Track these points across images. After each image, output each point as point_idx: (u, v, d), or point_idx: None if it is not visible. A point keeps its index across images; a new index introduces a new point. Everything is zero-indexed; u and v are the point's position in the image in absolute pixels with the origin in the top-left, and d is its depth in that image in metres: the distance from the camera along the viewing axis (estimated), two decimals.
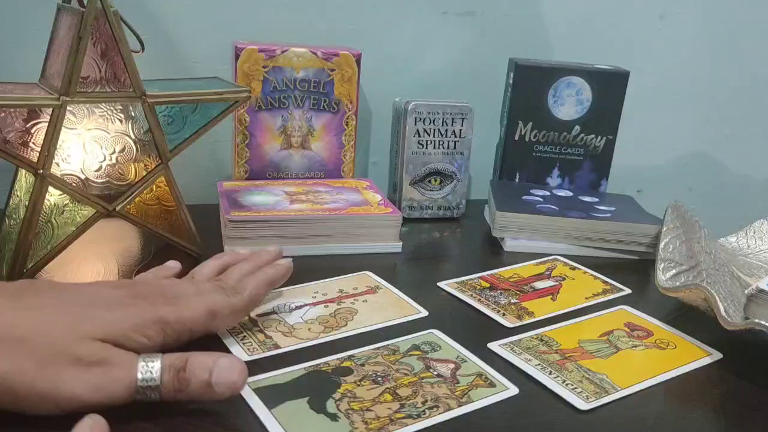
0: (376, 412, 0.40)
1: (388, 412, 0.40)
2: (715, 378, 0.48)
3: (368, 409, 0.40)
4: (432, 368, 0.45)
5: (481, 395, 0.43)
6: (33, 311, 0.38)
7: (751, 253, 0.69)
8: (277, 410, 0.40)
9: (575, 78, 0.79)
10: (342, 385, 0.43)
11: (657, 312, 0.57)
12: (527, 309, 0.56)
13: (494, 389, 0.44)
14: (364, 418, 0.39)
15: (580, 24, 0.90)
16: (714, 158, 1.02)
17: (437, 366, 0.46)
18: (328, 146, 0.77)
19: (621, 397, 0.45)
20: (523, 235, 0.70)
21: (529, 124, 0.81)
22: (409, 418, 0.40)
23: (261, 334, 0.49)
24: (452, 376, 0.45)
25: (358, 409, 0.40)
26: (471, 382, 0.44)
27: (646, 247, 0.69)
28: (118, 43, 0.54)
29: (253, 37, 0.75)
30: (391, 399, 0.42)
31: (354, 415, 0.40)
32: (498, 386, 0.44)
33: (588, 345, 0.51)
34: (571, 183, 0.83)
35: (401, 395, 0.42)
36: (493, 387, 0.44)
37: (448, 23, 0.86)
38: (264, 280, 0.50)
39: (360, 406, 0.41)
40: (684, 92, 0.98)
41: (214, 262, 0.52)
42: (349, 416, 0.40)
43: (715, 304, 0.50)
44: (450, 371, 0.45)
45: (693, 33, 0.94)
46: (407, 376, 0.44)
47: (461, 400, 0.42)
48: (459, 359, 0.47)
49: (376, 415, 0.40)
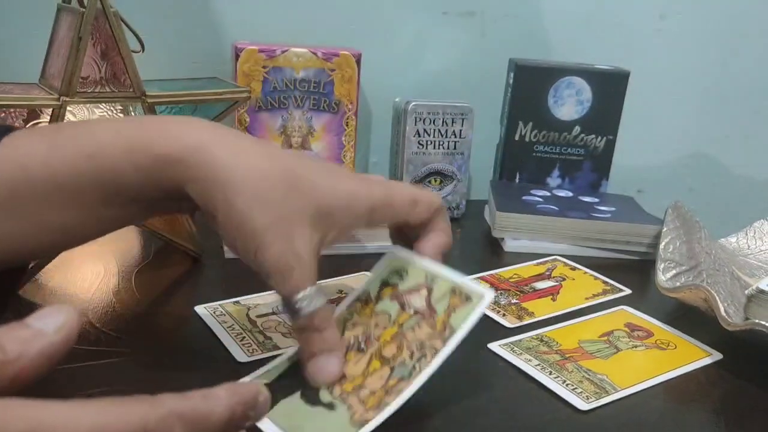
0: (370, 388, 0.39)
1: (381, 382, 0.40)
2: (715, 378, 0.48)
3: (361, 386, 0.40)
4: (407, 305, 0.44)
5: (461, 318, 0.41)
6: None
7: (751, 254, 0.69)
8: (273, 413, 0.39)
9: (575, 78, 0.79)
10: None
11: (657, 312, 0.57)
12: (527, 309, 0.56)
13: (471, 304, 0.42)
14: (359, 398, 0.39)
15: (581, 24, 0.90)
16: (714, 159, 1.02)
17: (411, 299, 0.44)
18: (328, 146, 0.76)
19: (621, 397, 0.44)
20: (524, 235, 0.70)
21: (530, 124, 0.81)
22: (402, 381, 0.39)
23: (260, 335, 0.49)
24: (428, 306, 0.43)
25: (351, 390, 0.40)
26: (447, 306, 0.42)
27: (646, 248, 0.69)
28: (118, 43, 0.54)
29: (253, 37, 0.74)
30: (380, 365, 0.41)
31: (350, 397, 0.39)
32: (474, 298, 0.42)
33: (588, 345, 0.51)
34: (572, 183, 0.83)
35: (387, 356, 0.41)
36: (470, 301, 0.42)
37: (448, 23, 0.85)
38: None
39: (352, 386, 0.40)
40: (684, 92, 0.98)
41: None
42: (345, 400, 0.39)
43: (716, 304, 0.49)
44: (424, 301, 0.43)
45: (694, 33, 0.94)
46: (387, 328, 0.43)
47: (444, 335, 0.41)
48: (428, 280, 0.44)
49: (370, 390, 0.39)
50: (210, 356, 0.47)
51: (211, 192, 0.38)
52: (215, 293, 0.55)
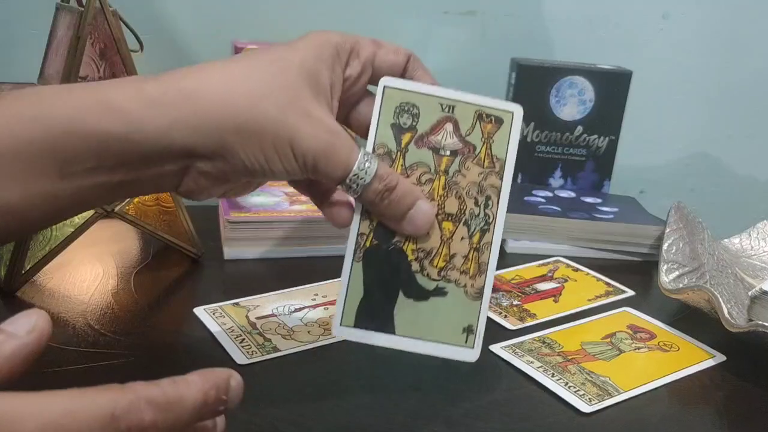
0: (459, 253, 0.39)
1: (466, 243, 0.39)
2: (719, 380, 0.48)
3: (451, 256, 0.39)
4: (440, 148, 0.40)
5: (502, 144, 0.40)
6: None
7: (754, 255, 0.68)
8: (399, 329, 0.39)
9: (577, 78, 0.79)
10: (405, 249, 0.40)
11: (660, 314, 0.56)
12: (529, 311, 0.56)
13: (505, 125, 0.40)
14: (458, 268, 0.39)
15: (583, 23, 0.90)
16: (717, 159, 1.02)
17: (440, 140, 0.40)
18: None
19: (624, 399, 0.44)
20: (525, 236, 0.69)
21: (531, 124, 0.80)
22: (485, 232, 0.39)
23: (260, 337, 0.48)
24: (462, 142, 0.40)
25: (445, 265, 0.39)
26: (482, 135, 0.40)
27: (648, 249, 0.69)
28: (117, 43, 0.53)
29: (253, 37, 0.74)
30: (452, 226, 0.40)
31: (449, 272, 0.39)
32: (505, 118, 0.40)
33: (591, 347, 0.50)
34: (574, 184, 0.83)
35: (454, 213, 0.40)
36: (502, 122, 0.40)
37: (449, 23, 0.85)
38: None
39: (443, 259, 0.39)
40: (687, 92, 0.97)
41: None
42: (447, 278, 0.39)
43: (719, 305, 0.49)
44: (456, 138, 0.40)
45: (696, 32, 0.94)
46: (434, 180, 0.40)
47: (495, 169, 0.40)
48: (447, 110, 0.41)
49: (462, 255, 0.39)
50: (209, 358, 0.46)
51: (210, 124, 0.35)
52: (215, 295, 0.55)
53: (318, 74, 0.38)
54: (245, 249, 0.62)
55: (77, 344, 0.46)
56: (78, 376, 0.43)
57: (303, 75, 0.37)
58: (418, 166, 0.40)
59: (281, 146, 0.36)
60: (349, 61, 0.40)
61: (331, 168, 0.37)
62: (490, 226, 0.38)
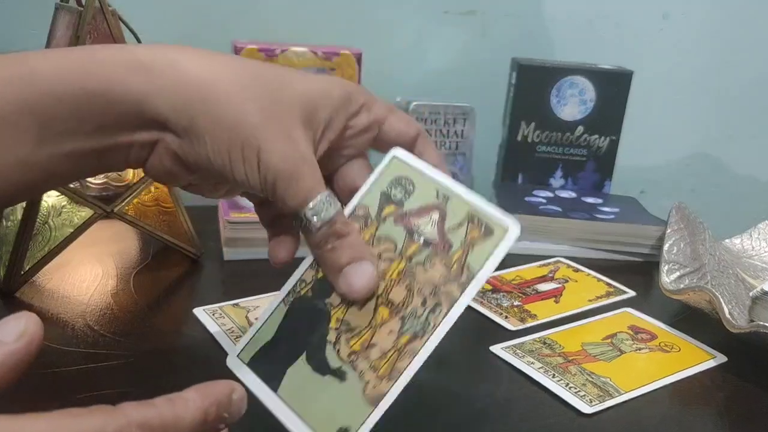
0: (380, 346, 0.35)
1: (392, 339, 0.35)
2: (720, 381, 0.48)
3: (370, 343, 0.36)
4: (415, 232, 0.37)
5: (482, 256, 0.35)
6: None
7: (755, 255, 0.68)
8: (282, 389, 0.36)
9: (578, 78, 0.79)
10: (332, 314, 0.37)
11: (661, 314, 0.56)
12: (530, 311, 0.56)
13: (493, 239, 0.35)
14: (370, 361, 0.35)
15: (583, 23, 0.90)
16: (718, 159, 1.02)
17: (420, 224, 0.37)
18: None
19: (625, 400, 0.44)
20: (526, 236, 0.69)
21: (532, 124, 0.80)
22: (416, 338, 0.34)
23: None
24: (441, 236, 0.37)
25: (359, 350, 0.36)
26: (464, 239, 0.36)
27: (649, 249, 0.69)
28: (117, 43, 0.53)
29: (253, 36, 0.74)
30: (388, 314, 0.36)
31: (358, 360, 0.35)
32: (496, 231, 0.36)
33: (591, 348, 0.50)
34: (574, 184, 0.83)
35: (396, 302, 0.36)
36: (491, 235, 0.36)
37: (449, 23, 0.85)
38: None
39: (360, 343, 0.36)
40: (688, 92, 0.97)
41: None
42: (354, 366, 0.35)
43: (720, 306, 0.49)
44: (437, 229, 0.37)
45: (697, 33, 0.94)
46: (393, 261, 0.37)
47: (461, 279, 0.35)
48: (441, 198, 0.37)
49: (381, 350, 0.35)
50: (208, 358, 0.46)
51: (186, 100, 0.34)
52: (214, 295, 0.55)
53: (317, 107, 0.37)
54: (245, 249, 0.62)
55: (77, 345, 0.46)
56: (77, 377, 0.43)
57: (301, 100, 0.36)
58: (386, 241, 0.38)
59: (249, 152, 0.35)
60: (359, 111, 0.39)
61: (290, 194, 0.35)
62: (426, 335, 0.34)
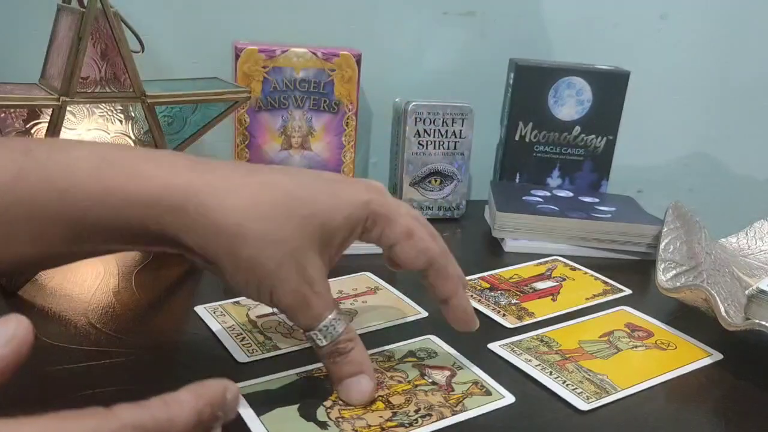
0: (367, 421, 0.40)
1: (380, 420, 0.40)
2: (716, 378, 0.48)
3: (359, 417, 0.40)
4: (427, 375, 0.45)
5: (477, 403, 0.42)
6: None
7: (751, 254, 0.69)
8: (266, 417, 0.39)
9: (576, 78, 0.79)
10: (334, 393, 0.42)
11: (657, 312, 0.57)
12: (527, 309, 0.56)
13: (489, 397, 0.43)
14: (354, 427, 0.39)
15: (581, 24, 0.90)
16: (715, 159, 1.02)
17: (432, 373, 0.45)
18: (328, 147, 0.76)
19: (621, 397, 0.44)
20: (524, 235, 0.70)
21: (530, 124, 0.81)
22: (401, 426, 0.39)
23: (260, 335, 0.49)
24: (447, 384, 0.44)
25: (348, 417, 0.40)
26: (466, 390, 0.44)
27: (646, 248, 0.69)
28: (118, 44, 0.54)
29: (253, 37, 0.74)
30: (383, 407, 0.41)
31: (344, 423, 0.39)
32: (494, 394, 0.43)
33: (588, 345, 0.51)
34: (572, 183, 0.83)
35: (394, 403, 0.42)
36: (489, 395, 0.43)
37: (448, 23, 0.85)
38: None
39: (351, 414, 0.40)
40: (685, 92, 0.98)
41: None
42: (339, 425, 0.39)
43: (716, 304, 0.49)
44: (445, 379, 0.45)
45: (694, 33, 0.94)
46: (401, 383, 0.44)
47: (455, 409, 0.42)
48: (455, 366, 0.46)
49: (367, 423, 0.39)
50: (210, 356, 0.47)
51: (212, 241, 0.37)
52: (215, 293, 0.55)
53: (336, 232, 0.39)
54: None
55: (78, 343, 0.47)
56: (79, 375, 0.43)
57: (322, 230, 0.39)
58: (400, 372, 0.45)
59: (263, 289, 0.38)
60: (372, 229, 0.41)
61: (299, 319, 0.39)
62: (410, 428, 0.39)
